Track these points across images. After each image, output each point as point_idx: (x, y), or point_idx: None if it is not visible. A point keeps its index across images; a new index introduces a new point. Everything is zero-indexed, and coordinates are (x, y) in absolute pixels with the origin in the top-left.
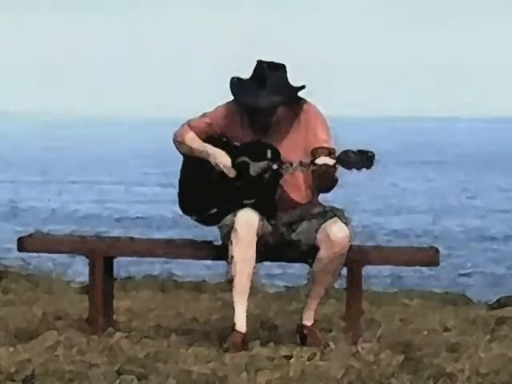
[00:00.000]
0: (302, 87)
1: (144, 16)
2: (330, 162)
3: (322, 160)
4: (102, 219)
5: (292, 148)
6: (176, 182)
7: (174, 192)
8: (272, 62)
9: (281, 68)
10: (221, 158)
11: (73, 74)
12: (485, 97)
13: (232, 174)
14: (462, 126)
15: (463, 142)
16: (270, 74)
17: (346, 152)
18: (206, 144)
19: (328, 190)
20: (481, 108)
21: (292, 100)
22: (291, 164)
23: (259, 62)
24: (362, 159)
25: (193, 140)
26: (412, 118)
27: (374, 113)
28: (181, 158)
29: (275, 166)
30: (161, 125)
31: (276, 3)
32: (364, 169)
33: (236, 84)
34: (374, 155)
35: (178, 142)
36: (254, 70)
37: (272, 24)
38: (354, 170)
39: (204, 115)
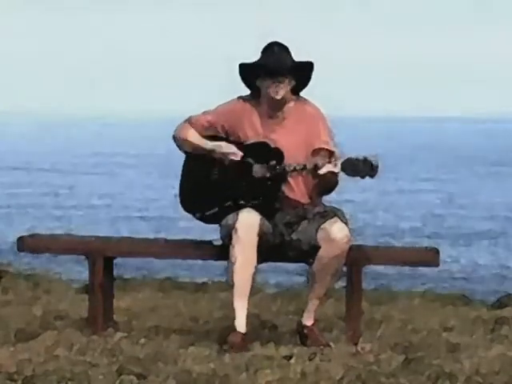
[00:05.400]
0: (310, 63)
1: (147, 15)
2: (334, 170)
3: (326, 169)
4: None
5: (294, 147)
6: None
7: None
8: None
9: (287, 49)
10: (225, 148)
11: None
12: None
13: (239, 156)
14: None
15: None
16: (279, 49)
17: (350, 159)
18: (207, 140)
19: (328, 192)
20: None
21: (301, 69)
22: (294, 168)
23: (268, 44)
24: (366, 167)
25: (194, 136)
26: (412, 118)
27: (373, 113)
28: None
29: (278, 169)
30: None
31: (277, 3)
32: (368, 177)
33: (246, 63)
34: (378, 164)
35: (179, 139)
36: (263, 50)
37: (272, 24)
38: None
39: (205, 113)
